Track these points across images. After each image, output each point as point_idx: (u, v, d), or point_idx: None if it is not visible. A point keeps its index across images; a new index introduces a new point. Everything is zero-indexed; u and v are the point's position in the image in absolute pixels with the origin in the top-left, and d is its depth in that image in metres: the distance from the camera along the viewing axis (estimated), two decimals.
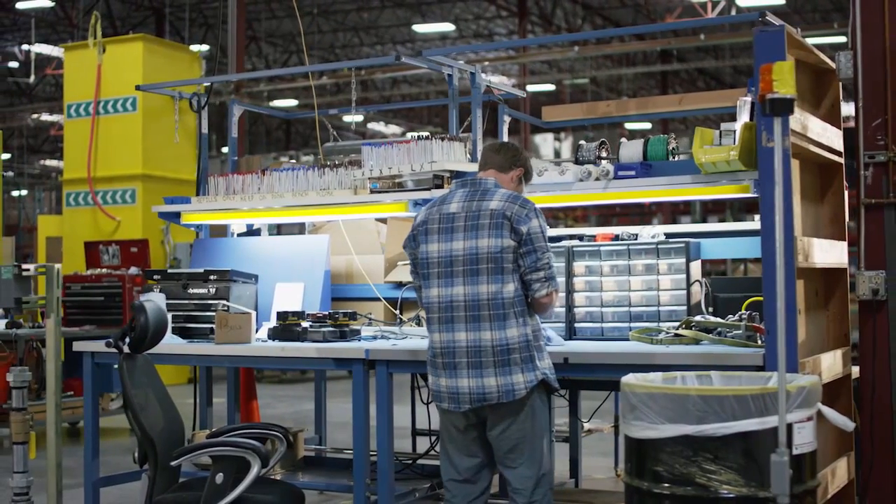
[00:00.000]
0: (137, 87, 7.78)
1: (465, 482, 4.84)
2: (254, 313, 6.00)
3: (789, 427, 3.96)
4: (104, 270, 9.99)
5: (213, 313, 6.06)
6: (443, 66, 6.22)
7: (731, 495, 3.87)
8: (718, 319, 5.27)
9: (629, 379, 4.18)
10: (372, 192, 6.15)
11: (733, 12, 23.43)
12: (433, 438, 6.67)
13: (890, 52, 5.02)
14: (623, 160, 5.74)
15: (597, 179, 5.59)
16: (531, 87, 30.50)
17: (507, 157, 5.00)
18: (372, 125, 35.58)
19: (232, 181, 6.67)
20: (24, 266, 5.48)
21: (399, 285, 6.62)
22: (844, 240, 5.45)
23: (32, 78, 23.71)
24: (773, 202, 4.58)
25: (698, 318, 5.34)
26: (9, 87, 32.63)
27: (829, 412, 4.29)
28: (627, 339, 5.49)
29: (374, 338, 6.01)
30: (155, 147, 14.13)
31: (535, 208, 4.77)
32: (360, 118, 34.51)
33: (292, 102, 31.23)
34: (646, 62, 30.28)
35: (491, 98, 6.48)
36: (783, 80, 3.80)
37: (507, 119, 6.56)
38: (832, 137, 5.35)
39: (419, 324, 6.40)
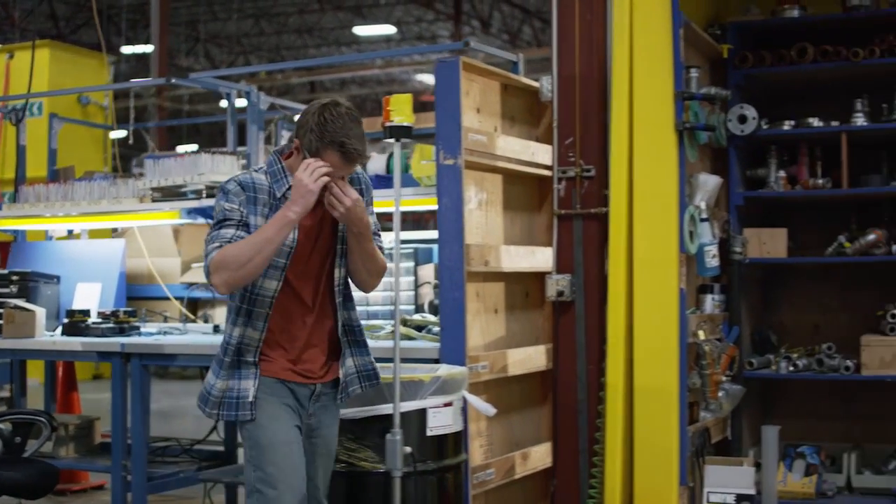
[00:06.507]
0: None
1: None
2: (40, 311, 6.55)
3: (424, 411, 4.58)
4: None
5: None
6: (219, 87, 6.76)
7: (374, 470, 4.49)
8: (431, 318, 5.84)
9: None
10: (153, 200, 6.68)
11: None
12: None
13: (580, 78, 5.56)
14: (370, 173, 6.28)
15: None
16: None
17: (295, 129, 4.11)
18: None
19: (39, 190, 7.20)
20: None
21: (189, 285, 7.18)
22: None
23: None
24: (446, 213, 5.21)
25: (416, 316, 5.91)
26: None
27: (472, 399, 4.90)
28: None
29: (158, 333, 6.56)
30: (61, 150, 14.54)
31: (221, 188, 3.98)
32: None
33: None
34: None
35: (274, 114, 7.02)
36: (399, 109, 4.40)
37: (284, 133, 7.10)
38: (542, 154, 5.91)
39: (206, 321, 6.98)
